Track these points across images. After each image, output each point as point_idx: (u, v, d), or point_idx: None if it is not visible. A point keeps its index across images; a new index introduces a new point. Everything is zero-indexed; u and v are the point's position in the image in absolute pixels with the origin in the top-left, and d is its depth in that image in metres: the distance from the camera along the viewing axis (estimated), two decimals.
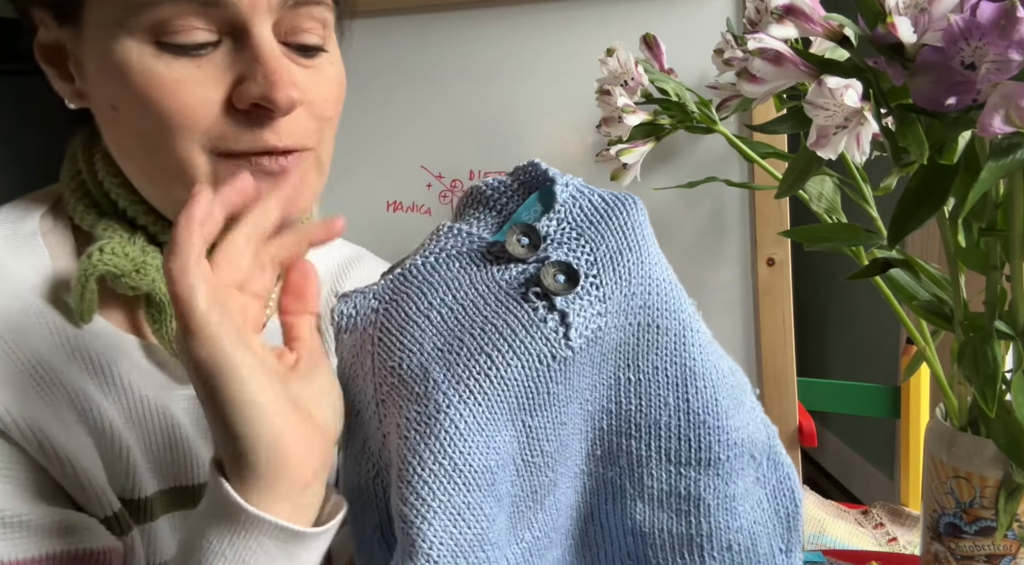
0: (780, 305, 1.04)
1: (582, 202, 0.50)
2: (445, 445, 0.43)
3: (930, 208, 0.54)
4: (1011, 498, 0.63)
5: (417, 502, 0.43)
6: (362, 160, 1.17)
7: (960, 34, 0.46)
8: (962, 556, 0.66)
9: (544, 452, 0.48)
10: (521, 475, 0.47)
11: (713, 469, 0.51)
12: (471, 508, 0.44)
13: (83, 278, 0.56)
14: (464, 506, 0.44)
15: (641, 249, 0.49)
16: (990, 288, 0.61)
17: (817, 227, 0.77)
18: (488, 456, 0.44)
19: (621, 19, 1.04)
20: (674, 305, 0.50)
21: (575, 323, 0.46)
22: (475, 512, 0.44)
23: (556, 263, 0.48)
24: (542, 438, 0.47)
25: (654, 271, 0.49)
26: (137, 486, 0.58)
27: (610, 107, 0.83)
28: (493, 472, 0.45)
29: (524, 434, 0.46)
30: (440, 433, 0.44)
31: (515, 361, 0.45)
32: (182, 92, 0.53)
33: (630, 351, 0.49)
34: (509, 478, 0.47)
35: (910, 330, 0.76)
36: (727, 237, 1.06)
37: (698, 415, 0.50)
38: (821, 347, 2.78)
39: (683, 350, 0.50)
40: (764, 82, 0.56)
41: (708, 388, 0.50)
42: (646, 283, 0.49)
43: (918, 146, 0.52)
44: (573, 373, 0.47)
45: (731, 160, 1.02)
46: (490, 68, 1.09)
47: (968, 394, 0.66)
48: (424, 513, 0.43)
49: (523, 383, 0.45)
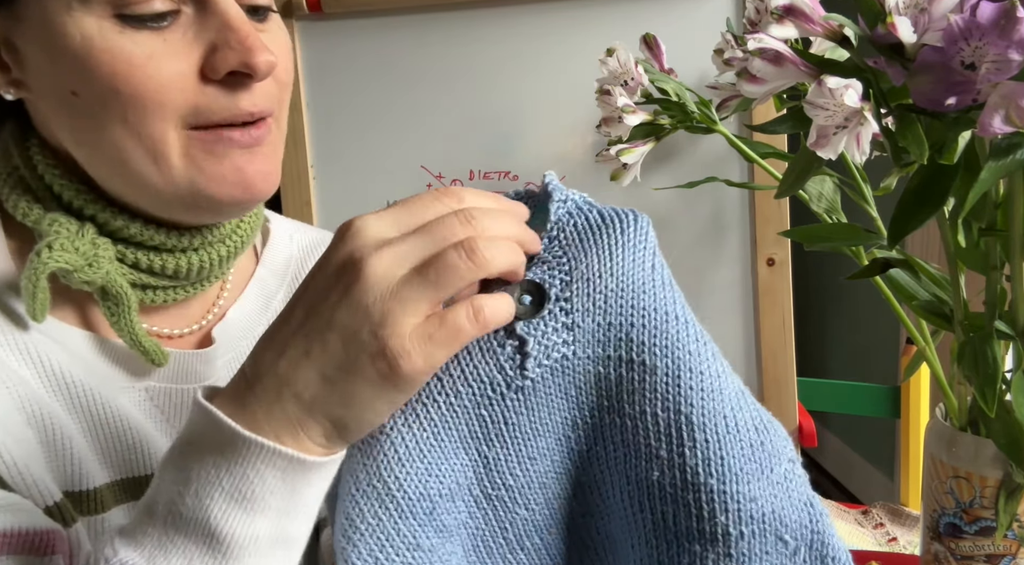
0: (780, 305, 1.04)
1: (578, 219, 0.46)
2: (381, 468, 0.42)
3: (930, 208, 0.54)
4: (1011, 498, 0.63)
5: (347, 522, 0.42)
6: (362, 160, 1.17)
7: (960, 34, 0.46)
8: (962, 556, 0.66)
9: (508, 486, 0.45)
10: (482, 508, 0.45)
11: (722, 546, 0.43)
12: (401, 535, 0.42)
13: (34, 277, 0.54)
14: (394, 532, 0.42)
15: (626, 274, 0.44)
16: (990, 288, 0.60)
17: (817, 227, 0.77)
18: (428, 484, 0.42)
19: (621, 19, 1.04)
20: (668, 341, 0.44)
21: (534, 352, 0.43)
22: (405, 540, 0.42)
23: (525, 282, 0.44)
24: (504, 470, 0.45)
25: (643, 299, 0.44)
26: (84, 477, 0.57)
27: (610, 107, 0.83)
28: (433, 500, 0.42)
29: (481, 464, 0.44)
30: (379, 455, 0.42)
31: (466, 387, 0.43)
32: (152, 67, 0.52)
33: (612, 388, 0.44)
34: (463, 509, 0.44)
35: (910, 330, 0.76)
36: (727, 237, 1.06)
37: (697, 475, 0.43)
38: (821, 347, 2.78)
39: (677, 394, 0.43)
40: (764, 82, 0.55)
41: (711, 443, 0.43)
42: (629, 312, 0.44)
43: (918, 146, 0.52)
44: (537, 404, 0.44)
45: (731, 160, 1.02)
46: (490, 68, 1.09)
47: (968, 394, 0.66)
48: (351, 534, 0.42)
49: (475, 411, 0.43)
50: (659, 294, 0.44)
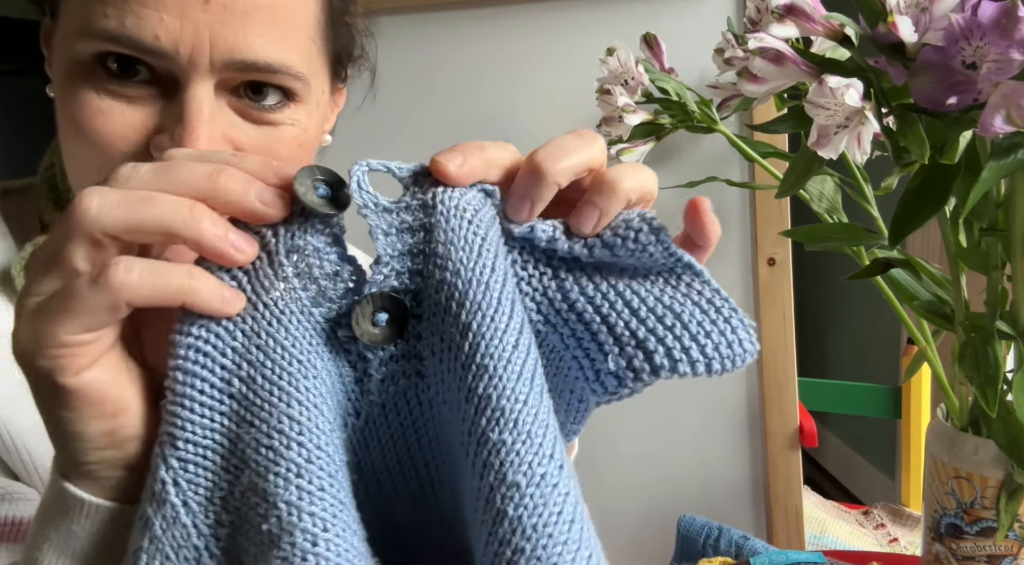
0: (781, 305, 1.03)
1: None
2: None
3: (931, 208, 0.54)
4: (1012, 498, 0.62)
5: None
6: (361, 160, 1.16)
7: (961, 34, 0.46)
8: (963, 556, 0.66)
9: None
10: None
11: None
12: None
13: (19, 266, 0.56)
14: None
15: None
16: (991, 288, 0.60)
17: (818, 227, 0.77)
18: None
19: (621, 19, 1.04)
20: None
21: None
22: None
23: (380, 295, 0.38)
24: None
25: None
26: None
27: (610, 107, 0.83)
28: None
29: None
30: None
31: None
32: (100, 122, 0.51)
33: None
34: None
35: (911, 330, 0.76)
36: (727, 237, 1.06)
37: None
38: (822, 347, 2.78)
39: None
40: (765, 82, 0.55)
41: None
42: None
43: (919, 146, 0.51)
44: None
45: (732, 160, 1.02)
46: (490, 68, 1.09)
47: (969, 394, 0.66)
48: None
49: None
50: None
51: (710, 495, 1.04)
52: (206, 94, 0.51)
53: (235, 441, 0.35)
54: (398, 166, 0.39)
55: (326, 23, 0.57)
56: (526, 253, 0.40)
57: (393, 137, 1.15)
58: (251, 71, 0.51)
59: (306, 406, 0.36)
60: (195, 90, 0.50)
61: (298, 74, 0.53)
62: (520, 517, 0.32)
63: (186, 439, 0.35)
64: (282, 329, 0.36)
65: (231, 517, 0.35)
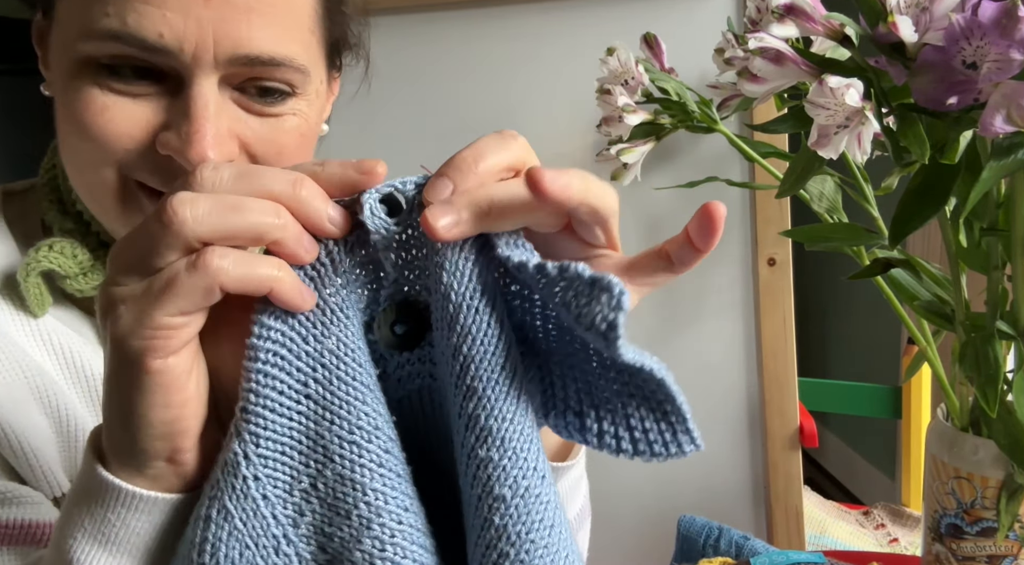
0: (781, 305, 1.03)
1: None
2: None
3: (931, 208, 0.54)
4: (1012, 499, 0.62)
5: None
6: (362, 160, 1.16)
7: (961, 33, 0.46)
8: (963, 557, 0.66)
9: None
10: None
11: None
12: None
13: (24, 273, 0.56)
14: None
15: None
16: (991, 288, 0.60)
17: (818, 227, 0.77)
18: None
19: (621, 19, 1.04)
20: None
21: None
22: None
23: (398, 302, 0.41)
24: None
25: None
26: None
27: (610, 107, 0.83)
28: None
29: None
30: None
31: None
32: (104, 119, 0.52)
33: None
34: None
35: (911, 330, 0.76)
36: (727, 237, 1.06)
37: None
38: (822, 347, 2.78)
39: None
40: (765, 81, 0.55)
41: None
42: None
43: (919, 146, 0.51)
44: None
45: (732, 160, 1.02)
46: (490, 68, 1.09)
47: (969, 394, 0.66)
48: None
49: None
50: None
51: (710, 495, 1.04)
52: (211, 90, 0.51)
53: (315, 438, 0.38)
54: (401, 181, 0.41)
55: (323, 13, 0.57)
56: (510, 276, 0.41)
57: (394, 138, 1.15)
58: (254, 65, 0.52)
59: (373, 404, 0.39)
60: (200, 86, 0.51)
61: (300, 67, 0.54)
62: (505, 525, 0.37)
63: (267, 437, 0.38)
64: (347, 332, 0.39)
65: (311, 507, 0.38)
